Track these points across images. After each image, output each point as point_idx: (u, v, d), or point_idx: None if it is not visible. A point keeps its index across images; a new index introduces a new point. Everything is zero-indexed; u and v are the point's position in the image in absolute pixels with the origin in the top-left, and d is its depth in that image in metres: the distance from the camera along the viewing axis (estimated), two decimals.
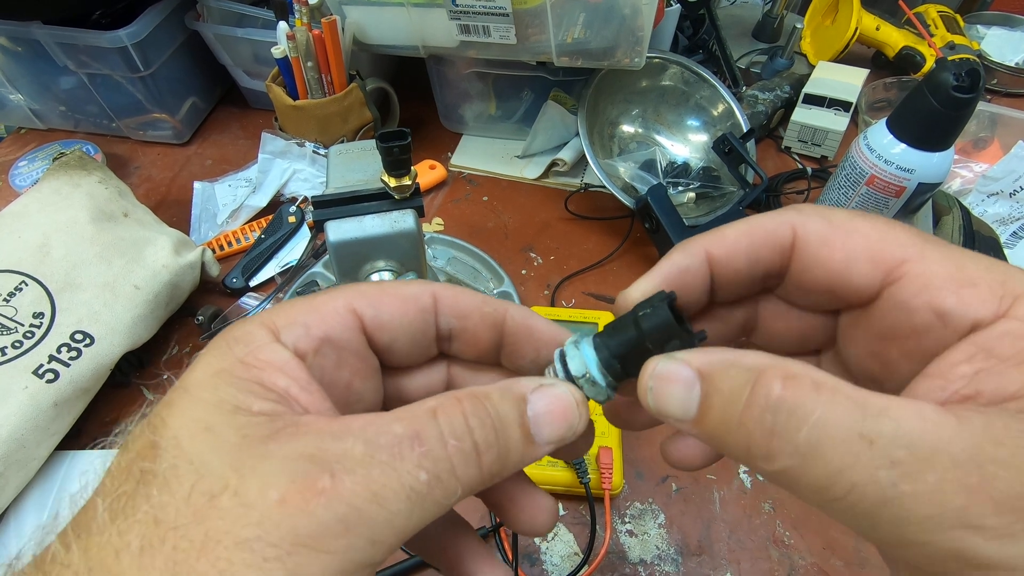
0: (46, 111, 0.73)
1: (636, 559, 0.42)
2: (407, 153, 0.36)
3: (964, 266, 0.15)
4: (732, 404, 0.14)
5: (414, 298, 0.18)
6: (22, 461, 0.42)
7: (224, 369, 0.15)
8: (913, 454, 0.12)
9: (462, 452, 0.15)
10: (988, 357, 0.14)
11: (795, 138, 0.72)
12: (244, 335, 0.16)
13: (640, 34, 0.55)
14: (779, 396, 0.13)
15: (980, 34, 0.88)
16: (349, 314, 0.17)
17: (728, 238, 0.17)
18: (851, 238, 0.16)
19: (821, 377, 0.14)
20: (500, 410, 0.16)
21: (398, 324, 0.18)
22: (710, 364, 0.15)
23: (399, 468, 0.14)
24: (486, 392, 0.16)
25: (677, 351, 0.16)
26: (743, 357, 0.15)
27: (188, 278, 0.54)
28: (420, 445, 0.14)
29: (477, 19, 0.57)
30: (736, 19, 0.93)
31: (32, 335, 0.45)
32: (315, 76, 0.63)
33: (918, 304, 0.15)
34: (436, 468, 0.14)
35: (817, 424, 0.13)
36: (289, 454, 0.14)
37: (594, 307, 0.58)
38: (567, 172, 0.70)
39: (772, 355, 0.14)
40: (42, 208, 0.51)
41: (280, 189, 0.65)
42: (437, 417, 0.15)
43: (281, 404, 0.15)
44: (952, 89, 0.40)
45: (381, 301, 0.18)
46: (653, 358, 0.16)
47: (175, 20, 0.68)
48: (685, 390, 0.15)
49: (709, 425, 0.15)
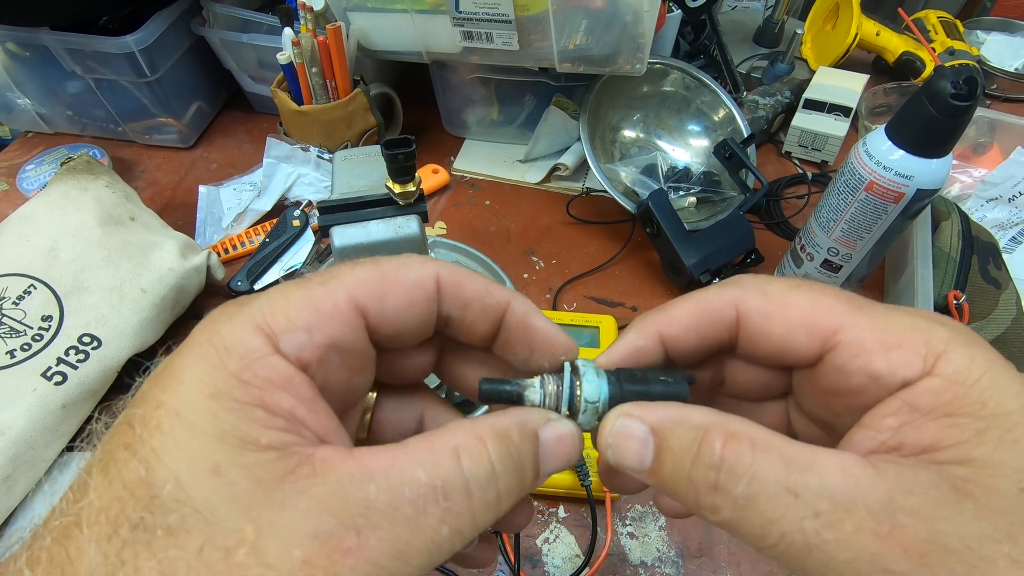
0: (53, 115, 0.74)
1: (637, 561, 0.43)
2: (412, 160, 0.37)
3: (890, 329, 0.16)
4: (681, 461, 0.16)
5: (418, 286, 0.17)
6: (31, 462, 0.43)
7: (220, 391, 0.14)
8: (834, 505, 0.14)
9: (485, 503, 0.15)
10: (911, 411, 0.15)
11: (795, 143, 0.73)
12: (237, 344, 0.14)
13: (641, 40, 0.56)
14: (720, 455, 0.15)
15: (980, 39, 0.88)
16: (353, 312, 0.16)
17: (678, 319, 0.19)
18: (788, 311, 0.17)
19: (759, 435, 0.15)
20: (521, 451, 0.16)
21: (402, 317, 0.17)
22: (661, 421, 0.16)
23: (423, 524, 0.14)
24: (507, 431, 0.16)
25: (632, 407, 0.17)
26: (691, 414, 0.16)
27: (194, 281, 0.55)
28: (445, 500, 0.14)
29: (480, 26, 0.57)
30: (737, 24, 0.94)
31: (41, 338, 0.46)
32: (320, 82, 0.63)
33: (853, 368, 0.16)
34: (459, 523, 0.14)
35: (752, 480, 0.15)
36: (310, 506, 0.13)
37: (596, 311, 0.58)
38: (569, 177, 0.71)
39: (718, 412, 0.16)
40: (50, 212, 0.52)
41: (284, 193, 0.66)
42: (461, 462, 0.14)
43: (289, 431, 0.14)
44: (950, 97, 0.40)
45: (385, 292, 0.16)
46: (611, 413, 0.17)
47: (181, 26, 0.69)
48: (640, 446, 0.16)
49: (662, 477, 0.16)
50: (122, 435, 0.14)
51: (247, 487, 0.13)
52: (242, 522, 0.13)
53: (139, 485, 0.13)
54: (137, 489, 0.13)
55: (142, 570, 0.12)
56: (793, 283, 0.18)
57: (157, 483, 0.13)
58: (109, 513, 0.13)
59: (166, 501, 0.13)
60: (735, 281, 0.19)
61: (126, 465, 0.13)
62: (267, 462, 0.13)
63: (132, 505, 0.13)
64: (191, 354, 0.14)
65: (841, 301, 0.17)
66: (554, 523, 0.45)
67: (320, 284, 0.16)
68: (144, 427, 0.14)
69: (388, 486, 0.14)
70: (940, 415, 0.15)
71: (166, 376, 0.14)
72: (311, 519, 0.13)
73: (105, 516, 0.13)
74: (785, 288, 0.18)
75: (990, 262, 0.54)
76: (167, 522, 0.13)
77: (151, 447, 0.13)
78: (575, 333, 0.53)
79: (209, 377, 0.14)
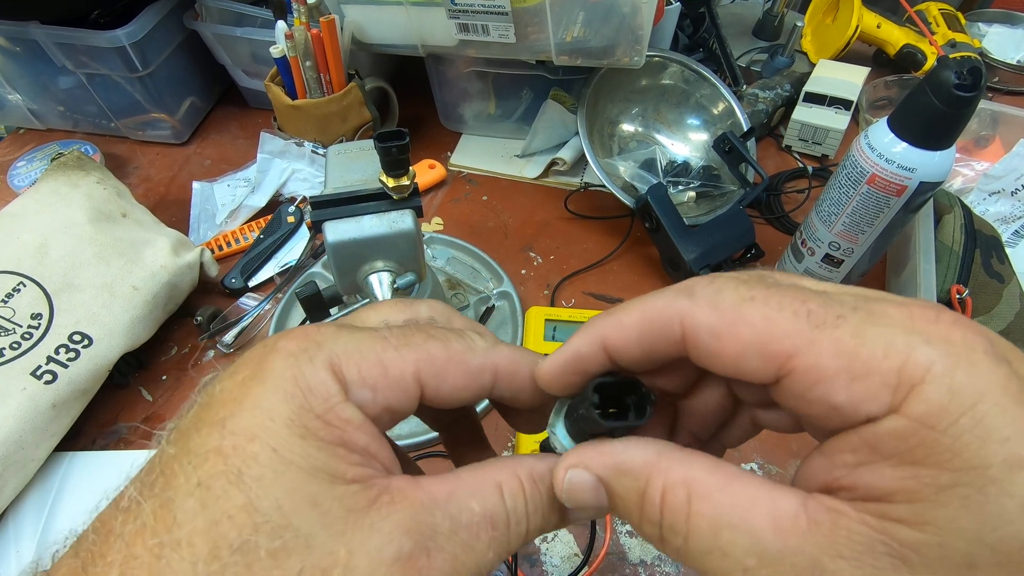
0: (45, 111, 0.73)
1: (636, 560, 0.42)
2: (405, 153, 0.36)
3: (860, 352, 0.13)
4: (629, 513, 0.16)
5: (477, 375, 0.18)
6: (21, 462, 0.42)
7: (305, 427, 0.15)
8: (760, 563, 0.14)
9: (518, 534, 0.17)
10: (871, 452, 0.14)
11: (796, 137, 0.72)
12: (320, 387, 0.16)
13: (640, 32, 0.55)
14: (659, 512, 0.15)
15: (981, 32, 0.87)
16: (414, 383, 0.17)
17: (623, 327, 0.17)
18: (739, 330, 0.15)
19: (697, 482, 0.15)
20: (551, 494, 0.18)
21: (454, 398, 0.18)
22: (606, 472, 0.16)
23: (475, 548, 0.16)
24: (542, 475, 0.18)
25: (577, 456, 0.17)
26: (633, 458, 0.16)
27: (187, 278, 0.54)
28: (493, 529, 0.16)
29: (476, 18, 0.57)
30: (736, 17, 0.93)
31: (30, 336, 0.45)
32: (314, 75, 0.62)
33: (811, 398, 0.14)
34: (500, 548, 0.17)
35: (688, 536, 0.15)
36: (393, 530, 0.15)
37: (595, 307, 0.58)
38: (567, 171, 0.70)
39: (663, 448, 0.16)
40: (40, 209, 0.51)
41: (279, 189, 0.65)
42: (504, 497, 0.17)
43: (367, 466, 0.16)
44: (954, 87, 0.39)
45: (447, 373, 0.18)
46: (559, 466, 0.17)
47: (173, 20, 0.68)
48: (594, 493, 0.17)
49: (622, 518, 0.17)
50: (214, 465, 0.15)
51: (340, 515, 0.15)
52: (337, 545, 0.14)
53: (240, 511, 0.14)
54: (239, 515, 0.14)
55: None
56: (751, 292, 0.15)
57: (263, 510, 0.14)
58: (208, 537, 0.14)
59: (272, 525, 0.14)
60: (688, 288, 0.16)
61: (225, 493, 0.14)
62: (354, 493, 0.15)
63: (234, 530, 0.14)
64: (277, 390, 0.16)
65: (801, 317, 0.14)
66: None
67: (395, 349, 0.17)
68: (241, 459, 0.15)
69: (449, 514, 0.16)
70: (901, 462, 0.13)
71: (251, 405, 0.15)
72: (394, 542, 0.15)
73: (202, 539, 0.14)
74: (738, 300, 0.15)
75: (993, 256, 0.53)
76: (272, 545, 0.14)
77: (252, 477, 0.15)
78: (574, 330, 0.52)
79: (298, 416, 0.15)
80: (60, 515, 0.43)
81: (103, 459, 0.47)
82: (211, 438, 0.15)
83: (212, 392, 0.16)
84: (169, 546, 0.14)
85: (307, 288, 0.43)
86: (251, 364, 0.16)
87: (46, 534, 0.42)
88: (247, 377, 0.16)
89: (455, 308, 0.22)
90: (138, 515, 0.15)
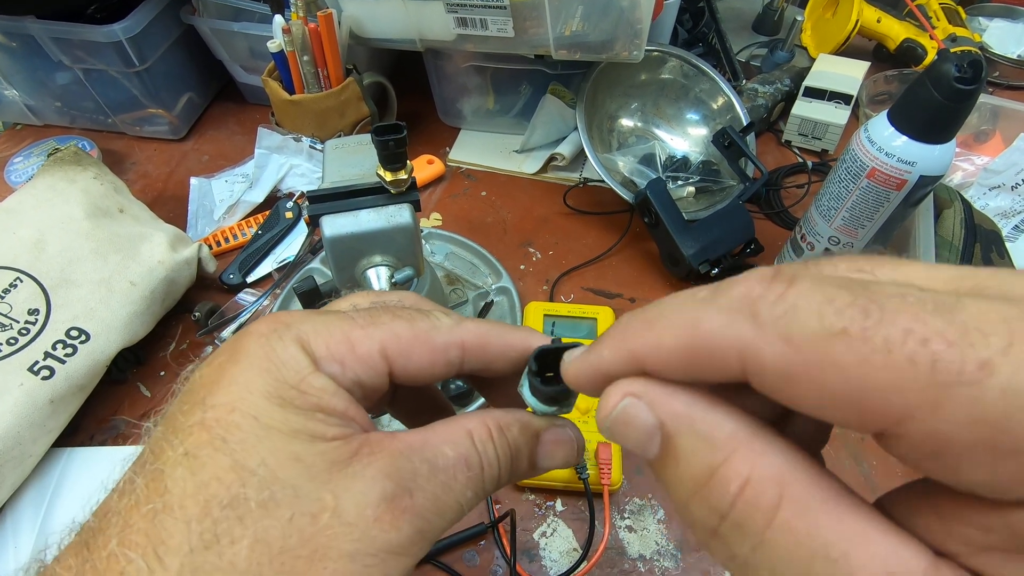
0: (42, 107, 0.73)
1: (635, 555, 0.42)
2: (403, 147, 0.36)
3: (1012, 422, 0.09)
4: (685, 483, 0.13)
5: (443, 351, 0.19)
6: (18, 458, 0.42)
7: (281, 396, 0.16)
8: None
9: (492, 476, 0.18)
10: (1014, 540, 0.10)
11: (795, 132, 0.72)
12: (291, 360, 0.17)
13: (639, 27, 0.55)
14: (731, 503, 0.12)
15: (982, 26, 0.87)
16: (381, 359, 0.18)
17: (664, 348, 0.13)
18: (824, 376, 0.11)
19: (794, 486, 0.12)
20: (518, 443, 0.19)
21: (422, 373, 0.19)
22: (676, 419, 0.13)
23: (453, 487, 0.17)
24: (509, 425, 0.19)
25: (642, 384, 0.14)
26: (719, 424, 0.13)
27: (184, 274, 0.54)
28: (468, 470, 0.17)
29: (474, 12, 0.56)
30: (736, 12, 0.93)
31: (27, 332, 0.45)
32: (311, 70, 0.62)
33: (928, 467, 0.11)
34: (476, 488, 0.18)
35: (760, 548, 0.12)
36: (375, 475, 0.16)
37: (594, 302, 0.57)
38: (566, 167, 0.70)
39: (752, 427, 0.13)
40: (37, 204, 0.51)
41: (277, 184, 0.65)
42: (475, 442, 0.18)
43: (346, 426, 0.17)
44: (954, 80, 0.39)
45: (412, 350, 0.19)
46: (613, 389, 0.14)
47: (170, 14, 0.68)
48: (645, 435, 0.14)
49: (663, 478, 0.14)
50: (199, 435, 0.16)
51: (324, 467, 0.16)
52: (323, 493, 0.15)
53: (228, 471, 0.15)
54: (227, 475, 0.15)
55: (237, 539, 0.14)
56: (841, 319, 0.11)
57: (249, 467, 0.15)
58: (197, 498, 0.15)
59: (259, 480, 0.15)
60: (749, 303, 0.12)
61: (211, 458, 0.15)
62: (336, 448, 0.16)
63: (222, 488, 0.15)
64: (252, 366, 0.17)
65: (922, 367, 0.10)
66: (552, 517, 0.44)
67: (361, 327, 0.18)
68: (223, 428, 0.16)
69: (426, 459, 0.17)
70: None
71: (228, 382, 0.16)
72: (377, 485, 0.16)
73: (193, 500, 0.15)
74: (823, 332, 0.11)
75: (993, 250, 0.53)
76: (261, 497, 0.15)
77: (236, 441, 0.15)
78: (573, 324, 0.52)
79: (274, 388, 0.16)
80: (58, 511, 0.43)
81: (101, 455, 0.47)
82: (193, 415, 0.16)
83: (192, 379, 0.18)
84: (162, 511, 0.15)
85: (305, 283, 0.43)
86: (227, 350, 0.18)
87: (44, 529, 0.42)
88: (223, 361, 0.17)
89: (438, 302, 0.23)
90: (132, 491, 0.15)
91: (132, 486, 0.16)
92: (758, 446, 0.12)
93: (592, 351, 0.15)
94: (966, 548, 0.11)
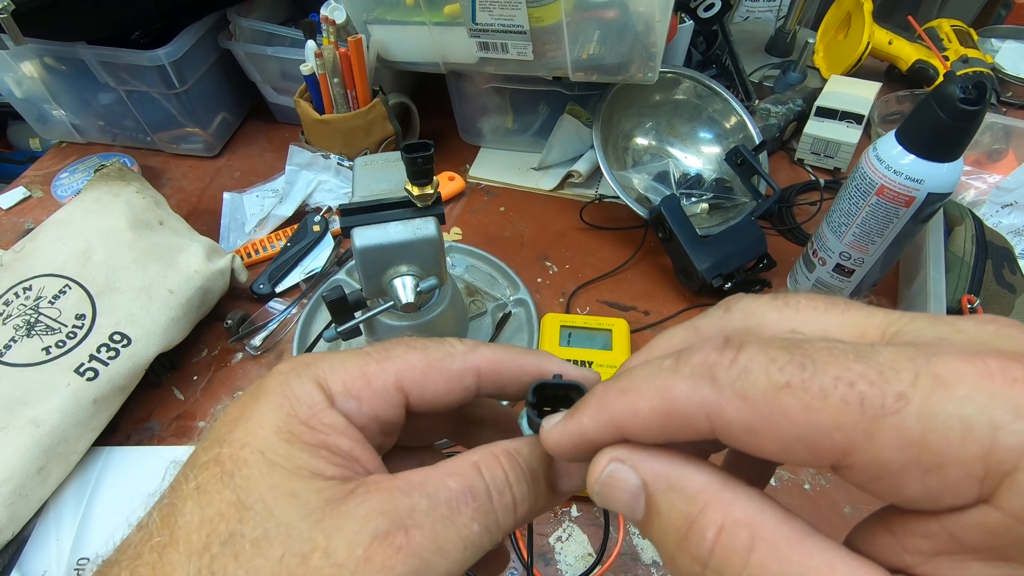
0: (86, 126, 0.77)
1: (649, 560, 0.43)
2: (430, 163, 0.38)
3: (928, 442, 0.11)
4: (669, 536, 0.14)
5: (459, 378, 0.19)
6: (63, 454, 0.45)
7: (291, 432, 0.17)
8: None
9: (504, 505, 0.17)
10: (954, 543, 0.12)
11: (808, 150, 0.73)
12: (305, 396, 0.17)
13: (653, 50, 0.57)
14: (709, 549, 0.13)
15: (994, 47, 0.88)
16: (397, 392, 0.18)
17: (640, 416, 0.15)
18: (778, 425, 0.13)
19: (764, 528, 0.13)
20: (531, 464, 0.18)
21: (439, 402, 0.19)
22: (656, 478, 0.15)
23: (457, 521, 0.16)
24: (517, 450, 0.18)
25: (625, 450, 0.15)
26: (691, 478, 0.14)
27: (218, 283, 0.56)
28: (474, 500, 0.17)
29: (496, 36, 0.59)
30: (749, 34, 0.95)
31: (74, 335, 0.48)
32: (341, 92, 0.65)
33: (876, 489, 0.12)
34: (486, 520, 0.17)
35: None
36: (368, 513, 0.16)
37: (609, 314, 0.59)
38: (582, 183, 0.72)
39: (725, 478, 0.14)
40: (84, 216, 0.54)
41: (305, 199, 0.68)
42: (482, 472, 0.17)
43: (349, 467, 0.17)
44: (959, 101, 0.41)
45: (428, 380, 0.19)
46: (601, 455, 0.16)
47: (209, 39, 0.72)
48: (631, 497, 0.15)
49: (651, 536, 0.15)
50: (211, 471, 0.16)
51: (318, 505, 0.16)
52: (315, 532, 0.15)
53: (231, 507, 0.16)
54: (229, 511, 0.15)
55: None
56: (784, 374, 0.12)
57: (248, 503, 0.16)
58: (201, 532, 0.15)
59: (255, 517, 0.15)
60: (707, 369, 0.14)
61: (219, 494, 0.16)
62: (332, 486, 0.16)
63: (223, 524, 0.15)
64: (268, 403, 0.17)
65: (852, 406, 0.12)
66: (567, 522, 0.45)
67: (376, 362, 0.19)
68: (234, 464, 0.16)
69: (427, 493, 0.16)
70: (994, 558, 0.11)
71: (246, 419, 0.17)
72: (369, 523, 0.15)
73: (197, 535, 0.15)
74: (771, 387, 0.13)
75: (1005, 267, 0.54)
76: (255, 534, 0.15)
77: (241, 477, 0.16)
78: (588, 335, 0.54)
79: (284, 423, 0.17)
80: (97, 506, 0.45)
81: (137, 454, 0.49)
82: (211, 451, 0.17)
83: (219, 416, 0.18)
84: (169, 545, 0.15)
85: (334, 292, 0.45)
86: (252, 389, 0.18)
87: (84, 524, 0.44)
88: (247, 399, 0.18)
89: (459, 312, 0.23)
90: (147, 524, 0.16)
91: (148, 519, 0.16)
92: (728, 495, 0.14)
93: (572, 420, 0.16)
94: (917, 558, 0.12)
